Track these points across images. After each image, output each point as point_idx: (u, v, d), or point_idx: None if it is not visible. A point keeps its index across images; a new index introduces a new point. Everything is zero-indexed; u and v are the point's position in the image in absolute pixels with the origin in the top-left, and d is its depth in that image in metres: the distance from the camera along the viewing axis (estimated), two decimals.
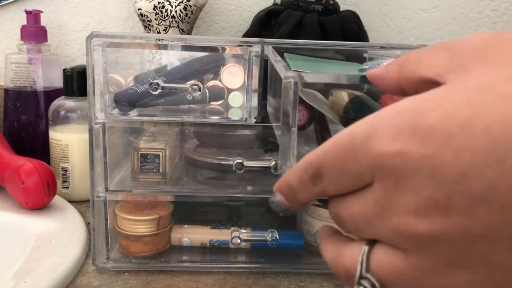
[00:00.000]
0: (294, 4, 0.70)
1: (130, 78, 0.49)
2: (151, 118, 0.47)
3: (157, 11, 0.68)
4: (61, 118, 0.64)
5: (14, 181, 0.56)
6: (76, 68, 0.64)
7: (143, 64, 0.50)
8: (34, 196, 0.56)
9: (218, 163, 0.51)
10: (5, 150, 0.60)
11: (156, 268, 0.49)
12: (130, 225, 0.50)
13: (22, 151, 0.63)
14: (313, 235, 0.52)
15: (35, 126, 0.71)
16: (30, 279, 0.42)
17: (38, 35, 0.71)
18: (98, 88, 0.46)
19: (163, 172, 0.50)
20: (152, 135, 0.53)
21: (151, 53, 0.49)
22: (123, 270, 0.49)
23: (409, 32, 0.84)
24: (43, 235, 0.51)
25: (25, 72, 0.71)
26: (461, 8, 0.84)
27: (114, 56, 0.46)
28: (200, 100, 0.47)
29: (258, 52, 0.46)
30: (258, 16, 0.74)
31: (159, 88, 0.45)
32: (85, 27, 0.81)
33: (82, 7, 0.80)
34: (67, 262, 0.46)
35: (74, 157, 0.64)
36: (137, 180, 0.50)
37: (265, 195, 0.50)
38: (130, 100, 0.46)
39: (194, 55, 0.48)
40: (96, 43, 0.44)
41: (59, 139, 0.64)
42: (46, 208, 0.58)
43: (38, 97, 0.71)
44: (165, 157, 0.50)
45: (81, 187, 0.64)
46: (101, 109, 0.46)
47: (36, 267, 0.45)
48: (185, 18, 0.70)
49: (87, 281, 0.46)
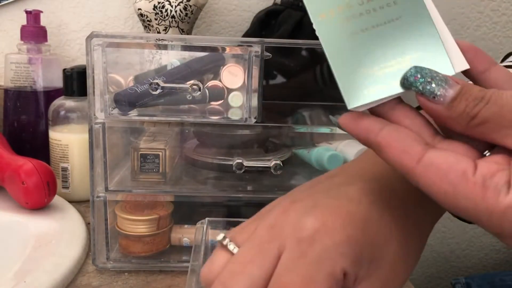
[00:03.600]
0: (294, 4, 0.70)
1: (130, 78, 0.49)
2: (151, 118, 0.47)
3: (157, 11, 0.68)
4: (61, 118, 0.64)
5: (14, 181, 0.56)
6: (76, 68, 0.64)
7: (143, 64, 0.50)
8: (34, 196, 0.56)
9: (218, 163, 0.51)
10: (5, 150, 0.60)
11: (156, 268, 0.49)
12: (130, 225, 0.50)
13: (22, 151, 0.63)
14: None
15: (35, 126, 0.71)
16: (30, 279, 0.42)
17: (38, 35, 0.71)
18: (98, 88, 0.46)
19: (163, 172, 0.50)
20: (152, 135, 0.53)
21: (151, 53, 0.49)
22: (123, 270, 0.49)
23: None
24: (43, 235, 0.51)
25: (25, 72, 0.71)
26: (461, 8, 0.84)
27: (114, 56, 0.46)
28: (200, 100, 0.47)
29: (258, 52, 0.46)
30: (258, 16, 0.74)
31: (159, 88, 0.45)
32: (85, 27, 0.81)
33: (82, 7, 0.80)
34: (67, 262, 0.46)
35: (74, 157, 0.64)
36: (137, 180, 0.50)
37: (265, 195, 0.50)
38: (130, 100, 0.46)
39: (194, 55, 0.48)
40: (96, 43, 0.44)
41: (59, 139, 0.64)
42: (46, 208, 0.58)
43: (38, 97, 0.71)
44: (165, 157, 0.50)
45: (81, 187, 0.64)
46: (101, 109, 0.46)
47: (36, 267, 0.45)
48: (185, 18, 0.70)
49: (87, 281, 0.46)
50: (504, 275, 0.76)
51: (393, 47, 0.26)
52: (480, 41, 0.85)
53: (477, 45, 0.91)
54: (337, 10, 0.27)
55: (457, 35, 0.85)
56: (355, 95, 0.26)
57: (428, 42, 0.26)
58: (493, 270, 0.96)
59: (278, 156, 0.52)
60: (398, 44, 0.26)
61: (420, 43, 0.26)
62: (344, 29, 0.26)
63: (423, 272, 0.96)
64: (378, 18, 0.26)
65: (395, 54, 0.26)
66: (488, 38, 0.85)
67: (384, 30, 0.26)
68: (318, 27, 0.27)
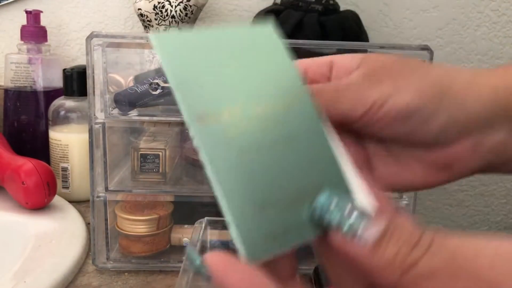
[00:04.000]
0: (294, 4, 0.70)
1: (130, 78, 0.49)
2: (151, 118, 0.47)
3: (157, 11, 0.68)
4: (61, 118, 0.64)
5: (14, 181, 0.56)
6: (76, 68, 0.64)
7: (143, 64, 0.50)
8: (34, 196, 0.56)
9: None
10: (5, 150, 0.60)
11: (156, 268, 0.49)
12: (130, 225, 0.50)
13: (22, 151, 0.63)
14: None
15: (35, 126, 0.71)
16: (30, 279, 0.42)
17: (38, 35, 0.71)
18: (98, 88, 0.46)
19: (163, 172, 0.50)
20: (152, 135, 0.53)
21: (151, 53, 0.49)
22: (123, 270, 0.49)
23: (409, 32, 0.84)
24: (43, 235, 0.51)
25: (25, 72, 0.71)
26: (461, 8, 0.84)
27: (114, 56, 0.46)
28: None
29: None
30: (258, 16, 0.74)
31: (159, 88, 0.45)
32: (85, 27, 0.81)
33: (82, 7, 0.80)
34: (67, 262, 0.46)
35: (74, 157, 0.64)
36: (137, 180, 0.50)
37: None
38: (130, 100, 0.46)
39: None
40: (96, 43, 0.44)
41: (59, 139, 0.64)
42: (46, 208, 0.58)
43: (38, 97, 0.71)
44: (165, 157, 0.50)
45: (81, 187, 0.64)
46: (101, 109, 0.46)
47: (36, 267, 0.45)
48: (185, 18, 0.70)
49: (87, 281, 0.46)
50: None
51: (297, 181, 0.21)
52: (480, 41, 0.85)
53: (477, 45, 0.91)
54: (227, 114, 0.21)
55: (457, 35, 0.85)
56: (254, 245, 0.19)
57: (331, 176, 0.22)
58: None
59: None
60: (302, 179, 0.21)
61: (323, 177, 0.21)
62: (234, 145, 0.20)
63: None
64: (278, 146, 0.21)
65: (300, 189, 0.21)
66: (488, 38, 0.85)
67: (284, 159, 0.21)
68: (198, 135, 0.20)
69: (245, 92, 0.22)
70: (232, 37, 0.23)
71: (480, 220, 0.93)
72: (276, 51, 0.24)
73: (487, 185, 0.91)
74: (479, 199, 0.92)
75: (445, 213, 0.92)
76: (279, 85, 0.22)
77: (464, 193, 0.91)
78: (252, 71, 0.22)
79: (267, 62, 0.23)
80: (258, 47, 0.23)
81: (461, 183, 0.91)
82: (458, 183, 0.90)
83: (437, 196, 0.91)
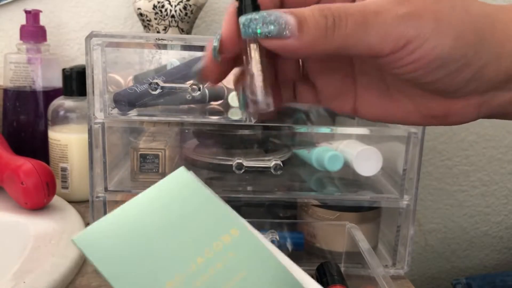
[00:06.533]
0: None
1: (130, 78, 0.49)
2: (151, 118, 0.47)
3: (156, 11, 0.68)
4: (60, 118, 0.64)
5: (13, 181, 0.56)
6: (76, 67, 0.64)
7: (143, 63, 0.50)
8: (33, 196, 0.55)
9: (218, 163, 0.50)
10: (4, 150, 0.60)
11: None
12: None
13: (21, 151, 0.63)
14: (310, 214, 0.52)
15: (34, 126, 0.71)
16: (29, 280, 0.42)
17: (37, 35, 0.71)
18: (98, 88, 0.45)
19: (162, 172, 0.50)
20: (151, 135, 0.53)
21: (150, 52, 0.49)
22: None
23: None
24: (42, 236, 0.51)
25: (24, 72, 0.70)
26: None
27: (114, 55, 0.46)
28: (200, 100, 0.47)
29: None
30: None
31: (158, 88, 0.45)
32: (85, 26, 0.80)
33: (81, 7, 0.80)
34: (66, 263, 0.46)
35: (73, 157, 0.63)
36: (136, 180, 0.50)
37: (265, 195, 0.50)
38: (129, 100, 0.46)
39: (194, 55, 0.48)
40: (95, 42, 0.44)
41: (58, 139, 0.63)
42: (45, 209, 0.57)
43: (37, 97, 0.71)
44: (165, 157, 0.50)
45: (80, 187, 0.64)
46: (101, 109, 0.46)
47: (36, 267, 0.44)
48: (185, 18, 0.70)
49: (87, 282, 0.46)
50: (505, 276, 0.76)
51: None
52: None
53: None
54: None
55: None
56: None
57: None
58: (494, 271, 0.96)
59: (278, 156, 0.51)
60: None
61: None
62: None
63: (424, 273, 0.96)
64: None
65: None
66: None
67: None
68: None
69: (179, 261, 0.23)
70: (152, 200, 0.26)
71: (481, 220, 0.93)
72: (197, 198, 0.26)
73: (488, 186, 0.91)
74: (480, 200, 0.92)
75: (446, 213, 0.92)
76: (213, 229, 0.25)
77: (465, 193, 0.91)
78: (183, 234, 0.24)
79: (194, 214, 0.25)
80: (179, 200, 0.26)
81: (462, 183, 0.91)
82: (458, 183, 0.90)
83: (437, 196, 0.91)
